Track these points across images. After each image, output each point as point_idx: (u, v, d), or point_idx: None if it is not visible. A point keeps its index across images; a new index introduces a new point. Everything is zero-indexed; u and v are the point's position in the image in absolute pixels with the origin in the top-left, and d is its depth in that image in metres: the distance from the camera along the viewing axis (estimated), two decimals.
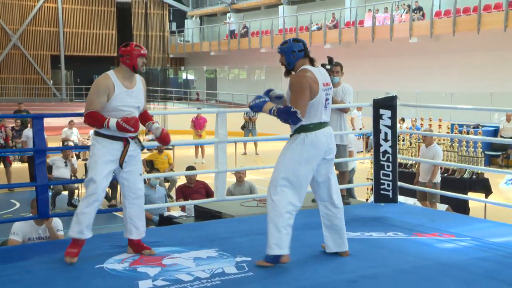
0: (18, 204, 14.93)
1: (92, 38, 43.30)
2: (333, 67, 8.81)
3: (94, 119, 5.81)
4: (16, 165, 19.41)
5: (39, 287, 5.32)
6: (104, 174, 5.86)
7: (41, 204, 7.06)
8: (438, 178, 10.77)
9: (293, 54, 5.72)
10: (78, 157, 19.69)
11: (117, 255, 6.11)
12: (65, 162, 15.18)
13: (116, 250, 6.29)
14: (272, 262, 5.57)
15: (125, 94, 5.89)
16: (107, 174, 5.91)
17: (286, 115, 5.53)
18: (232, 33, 38.58)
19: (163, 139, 6.30)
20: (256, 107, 5.78)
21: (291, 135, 5.80)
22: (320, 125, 5.74)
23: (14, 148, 18.98)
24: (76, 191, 15.32)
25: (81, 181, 14.68)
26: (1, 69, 41.08)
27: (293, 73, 5.82)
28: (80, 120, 9.55)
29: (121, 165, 5.95)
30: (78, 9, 42.91)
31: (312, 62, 5.87)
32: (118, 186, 15.07)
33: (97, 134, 5.94)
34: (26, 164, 18.07)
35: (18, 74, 41.25)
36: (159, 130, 6.16)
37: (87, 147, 15.79)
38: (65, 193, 15.10)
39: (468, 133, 10.99)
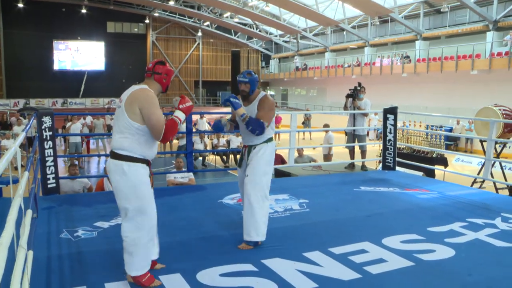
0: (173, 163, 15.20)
1: (217, 70, 43.86)
2: (361, 88, 8.70)
3: (173, 129, 3.42)
4: (174, 141, 19.46)
5: (185, 209, 5.38)
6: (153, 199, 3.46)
7: (189, 163, 7.20)
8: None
9: (257, 83, 4.39)
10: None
11: (230, 195, 6.11)
12: (201, 140, 15.45)
13: (229, 192, 6.27)
14: (255, 246, 4.10)
15: None
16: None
17: (256, 125, 4.13)
18: (297, 68, 38.36)
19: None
20: (235, 105, 4.18)
21: (253, 146, 4.28)
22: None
23: None
24: (206, 157, 15.56)
25: (209, 151, 15.11)
26: (169, 88, 42.19)
27: (256, 98, 4.36)
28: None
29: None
30: (210, 55, 43.60)
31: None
32: (230, 154, 15.40)
33: (128, 159, 3.28)
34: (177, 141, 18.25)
35: (176, 91, 42.06)
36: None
37: (210, 132, 16.25)
38: (200, 158, 15.39)
39: (436, 130, 10.67)
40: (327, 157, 12.33)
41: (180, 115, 3.51)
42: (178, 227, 4.67)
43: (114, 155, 3.34)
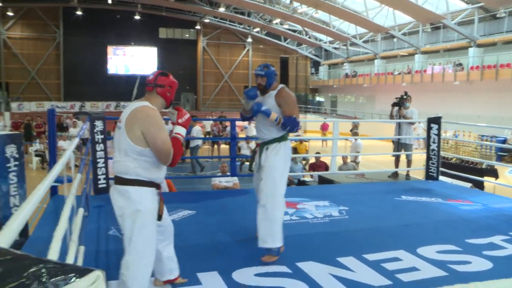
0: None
1: None
2: (407, 97, 8.66)
3: (180, 149, 3.00)
4: (224, 146, 20.16)
5: (228, 213, 5.57)
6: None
7: (233, 168, 7.41)
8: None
9: (274, 77, 4.13)
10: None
11: None
12: (248, 146, 15.70)
13: None
14: (278, 254, 3.97)
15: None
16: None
17: (294, 124, 3.97)
18: (346, 75, 38.10)
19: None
20: (265, 113, 3.95)
21: (266, 146, 4.13)
22: None
23: (222, 136, 19.88)
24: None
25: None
26: (218, 93, 43.12)
27: (271, 91, 4.14)
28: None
29: (160, 217, 3.06)
30: (259, 60, 43.89)
31: None
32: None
33: (134, 182, 2.94)
34: (227, 146, 18.91)
35: (226, 96, 42.90)
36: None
37: (255, 138, 16.60)
38: (247, 163, 15.62)
39: (486, 140, 10.44)
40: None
41: (181, 131, 3.10)
42: (220, 229, 4.88)
43: (119, 180, 2.97)
